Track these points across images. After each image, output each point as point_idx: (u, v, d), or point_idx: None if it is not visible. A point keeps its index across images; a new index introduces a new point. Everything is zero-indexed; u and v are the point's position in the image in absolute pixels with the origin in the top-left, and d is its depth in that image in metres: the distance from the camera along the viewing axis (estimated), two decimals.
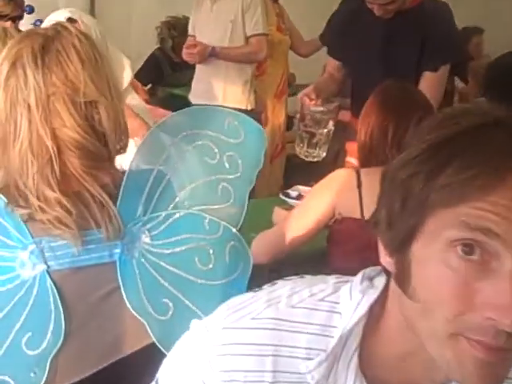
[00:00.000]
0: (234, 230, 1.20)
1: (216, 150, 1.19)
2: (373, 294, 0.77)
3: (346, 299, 0.78)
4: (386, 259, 0.75)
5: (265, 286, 0.83)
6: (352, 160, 2.30)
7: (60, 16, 1.99)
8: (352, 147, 2.36)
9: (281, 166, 4.33)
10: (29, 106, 1.07)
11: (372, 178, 1.81)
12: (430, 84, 2.39)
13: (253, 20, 3.68)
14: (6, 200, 1.07)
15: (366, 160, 1.83)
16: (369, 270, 0.82)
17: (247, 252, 1.21)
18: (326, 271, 2.44)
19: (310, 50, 4.51)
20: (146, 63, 4.79)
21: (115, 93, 1.12)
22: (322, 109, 2.31)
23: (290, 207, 2.24)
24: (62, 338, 1.06)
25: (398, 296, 0.73)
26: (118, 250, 1.10)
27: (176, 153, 1.17)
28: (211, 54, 3.62)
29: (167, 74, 4.91)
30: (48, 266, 1.06)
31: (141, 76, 4.09)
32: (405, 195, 0.69)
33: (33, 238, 1.06)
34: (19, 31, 3.19)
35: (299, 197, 2.39)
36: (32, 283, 1.06)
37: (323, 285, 0.82)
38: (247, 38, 3.70)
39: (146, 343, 1.12)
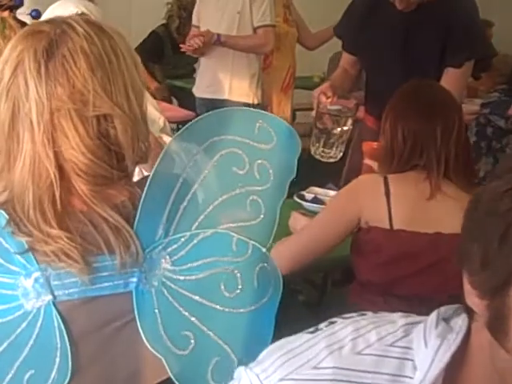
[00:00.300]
0: (264, 249, 1.06)
1: (246, 159, 1.04)
2: (453, 341, 0.65)
3: (421, 345, 0.67)
4: (474, 300, 0.63)
5: (321, 326, 0.72)
6: (370, 162, 2.17)
7: (65, 11, 1.83)
8: (369, 148, 2.24)
9: None
10: (31, 122, 0.92)
11: (402, 186, 1.68)
12: (453, 81, 2.25)
13: (260, 10, 3.54)
14: (7, 217, 0.93)
15: (398, 165, 1.70)
16: (444, 309, 0.70)
17: (277, 275, 1.07)
18: (336, 278, 2.28)
19: (317, 43, 4.41)
20: (145, 40, 4.56)
21: (135, 97, 0.97)
22: (340, 107, 2.17)
23: (306, 211, 2.11)
24: (68, 377, 0.92)
25: (486, 344, 0.62)
26: (134, 279, 0.96)
27: (201, 163, 1.01)
28: (215, 43, 3.47)
29: (167, 55, 4.71)
30: (54, 297, 0.92)
31: (138, 53, 3.90)
32: (505, 230, 0.58)
33: (38, 263, 0.92)
34: (18, 21, 3.04)
35: (315, 199, 2.26)
36: (36, 315, 0.92)
37: (391, 326, 0.70)
38: (254, 29, 3.55)
39: (163, 378, 0.99)
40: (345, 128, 2.15)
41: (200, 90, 3.68)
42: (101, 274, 0.93)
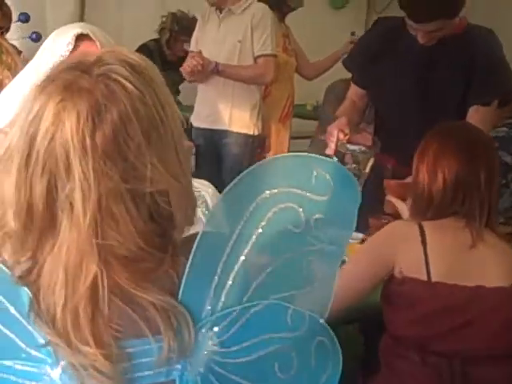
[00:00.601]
0: (322, 320, 0.91)
1: (302, 214, 0.89)
2: None
3: None
4: None
5: None
6: (393, 200, 2.03)
7: (69, 33, 1.67)
8: (392, 185, 2.11)
9: None
10: (71, 207, 0.75)
11: (439, 234, 1.55)
12: (482, 119, 2.14)
13: (261, 39, 3.43)
14: (30, 295, 0.78)
15: (435, 212, 1.56)
16: None
17: (337, 349, 0.91)
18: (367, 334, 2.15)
19: (315, 73, 4.36)
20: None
21: (183, 157, 0.81)
22: (361, 147, 2.03)
23: None
24: None
25: None
26: (178, 366, 0.80)
27: (253, 223, 0.86)
28: (213, 71, 3.34)
29: None
30: None
31: None
32: None
33: None
34: (12, 46, 2.88)
35: None
36: None
37: None
38: (255, 59, 3.44)
39: None
40: (365, 170, 2.01)
41: (198, 120, 3.54)
42: (141, 360, 0.78)
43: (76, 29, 1.71)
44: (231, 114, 3.45)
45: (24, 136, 0.76)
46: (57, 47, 1.62)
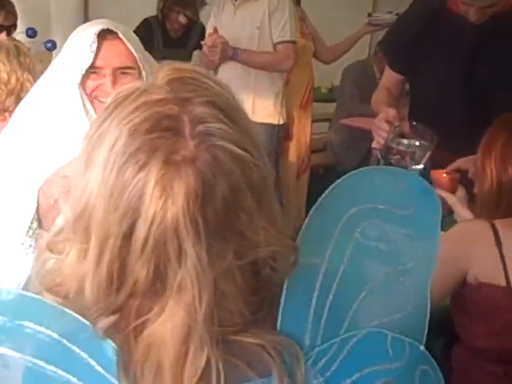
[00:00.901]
0: (422, 347, 0.81)
1: (388, 231, 0.82)
2: None
3: None
4: None
5: None
6: (443, 193, 1.90)
7: (91, 30, 1.55)
8: (440, 177, 1.98)
9: (306, 180, 4.02)
10: (179, 289, 0.65)
11: None
12: None
13: (280, 24, 3.30)
14: (116, 348, 0.68)
15: (507, 209, 1.45)
16: None
17: (440, 379, 0.82)
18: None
19: (333, 57, 4.24)
20: (136, 29, 4.03)
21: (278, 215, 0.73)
22: (420, 142, 1.85)
23: None
24: None
25: None
26: None
27: (342, 246, 0.79)
28: (232, 57, 3.21)
29: (157, 48, 4.23)
30: None
31: None
32: None
33: None
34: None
35: None
36: None
37: None
38: (274, 45, 3.31)
39: None
40: (419, 166, 1.83)
41: None
42: None
43: (97, 25, 1.59)
44: (254, 104, 3.33)
45: (119, 215, 0.65)
46: (80, 51, 1.51)
